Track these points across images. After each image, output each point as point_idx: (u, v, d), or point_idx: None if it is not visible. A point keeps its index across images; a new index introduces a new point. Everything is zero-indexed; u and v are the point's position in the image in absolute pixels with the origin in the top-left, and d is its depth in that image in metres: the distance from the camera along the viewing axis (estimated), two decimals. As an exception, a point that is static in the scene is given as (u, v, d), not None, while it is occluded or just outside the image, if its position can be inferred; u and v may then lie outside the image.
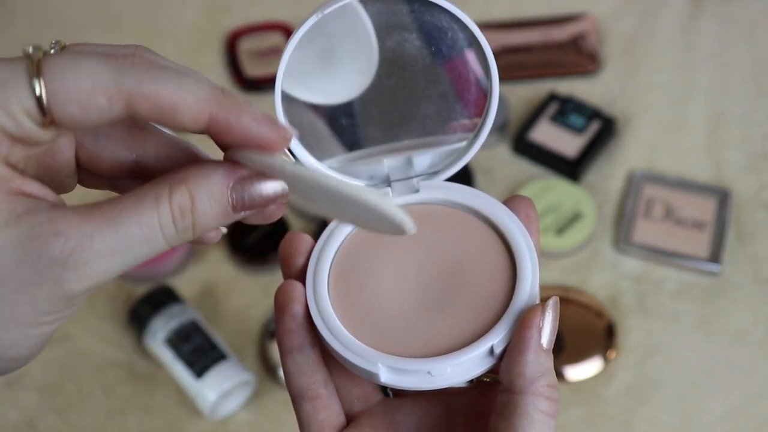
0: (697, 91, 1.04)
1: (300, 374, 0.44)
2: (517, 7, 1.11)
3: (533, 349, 0.40)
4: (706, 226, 0.94)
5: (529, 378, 0.40)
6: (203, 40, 1.10)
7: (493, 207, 0.47)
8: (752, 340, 0.88)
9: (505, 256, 0.46)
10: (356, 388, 0.46)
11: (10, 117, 0.35)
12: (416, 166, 0.49)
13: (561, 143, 0.98)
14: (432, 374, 0.42)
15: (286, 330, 0.44)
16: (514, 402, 0.40)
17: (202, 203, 0.37)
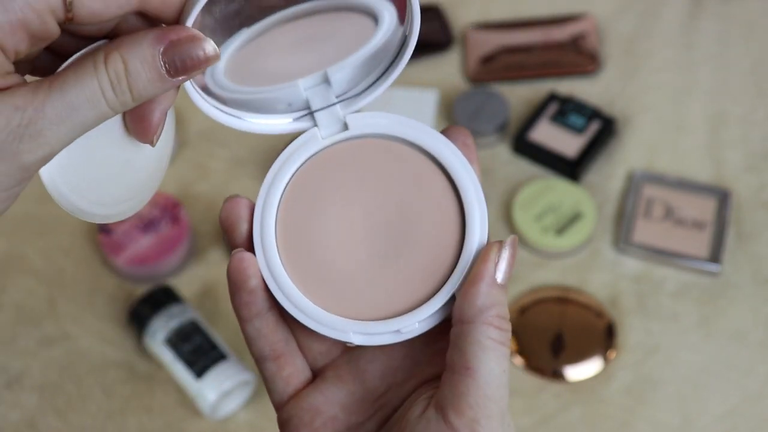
0: (697, 91, 1.04)
1: (260, 338, 0.44)
2: (517, 7, 1.11)
3: (486, 281, 0.42)
4: (706, 226, 0.94)
5: (479, 308, 0.41)
6: (203, 40, 1.10)
7: (430, 137, 0.45)
8: (752, 340, 0.88)
9: (450, 191, 0.45)
10: (317, 344, 0.46)
11: (38, 15, 0.36)
12: (334, 84, 0.46)
13: (561, 143, 0.98)
14: (401, 331, 0.43)
15: (243, 303, 0.44)
16: (465, 331, 0.41)
17: (134, 67, 0.38)
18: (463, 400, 0.41)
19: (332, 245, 0.44)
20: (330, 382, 0.46)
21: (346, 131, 0.45)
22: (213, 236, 0.95)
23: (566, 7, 1.10)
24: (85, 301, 0.91)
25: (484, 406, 0.41)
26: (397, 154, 0.45)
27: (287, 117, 0.46)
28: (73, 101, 0.37)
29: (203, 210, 0.97)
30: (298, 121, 0.46)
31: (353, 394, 0.45)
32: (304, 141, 0.45)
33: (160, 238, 0.92)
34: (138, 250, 0.91)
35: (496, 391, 0.41)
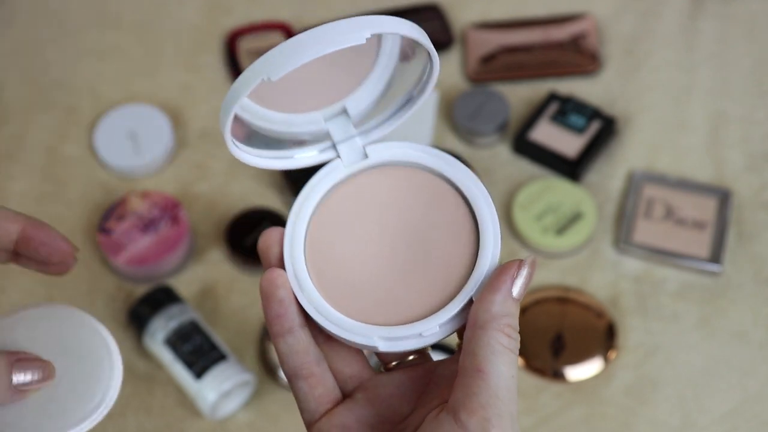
0: (697, 91, 1.04)
1: (292, 355, 0.47)
2: (517, 6, 1.11)
3: (503, 292, 0.44)
4: (706, 226, 0.93)
5: (493, 315, 0.44)
6: (203, 40, 1.10)
7: (445, 163, 0.49)
8: (753, 341, 0.88)
9: (465, 209, 0.49)
10: (348, 368, 0.48)
11: None
12: (353, 116, 0.49)
13: (561, 143, 0.98)
14: (423, 335, 0.46)
15: (275, 315, 0.46)
16: (477, 336, 0.44)
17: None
18: (474, 399, 0.42)
19: (356, 261, 0.47)
20: (359, 403, 0.48)
21: (367, 160, 0.49)
22: (213, 236, 0.95)
23: (566, 7, 1.10)
24: (84, 301, 0.91)
25: (495, 405, 0.42)
26: (414, 179, 0.49)
27: (314, 150, 0.50)
28: None
29: (203, 210, 0.97)
30: (323, 152, 0.50)
31: (380, 416, 0.47)
32: (328, 171, 0.49)
33: (160, 238, 0.92)
34: (137, 250, 0.91)
35: (506, 393, 0.43)
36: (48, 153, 1.02)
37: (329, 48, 0.42)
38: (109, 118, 1.02)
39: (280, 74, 0.42)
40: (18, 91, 1.07)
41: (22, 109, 1.05)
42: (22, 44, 1.11)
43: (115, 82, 1.07)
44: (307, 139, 0.50)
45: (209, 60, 1.08)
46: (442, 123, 1.03)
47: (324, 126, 0.49)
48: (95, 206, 0.97)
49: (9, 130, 1.04)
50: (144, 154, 0.99)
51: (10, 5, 1.13)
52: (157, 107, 1.03)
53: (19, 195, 0.99)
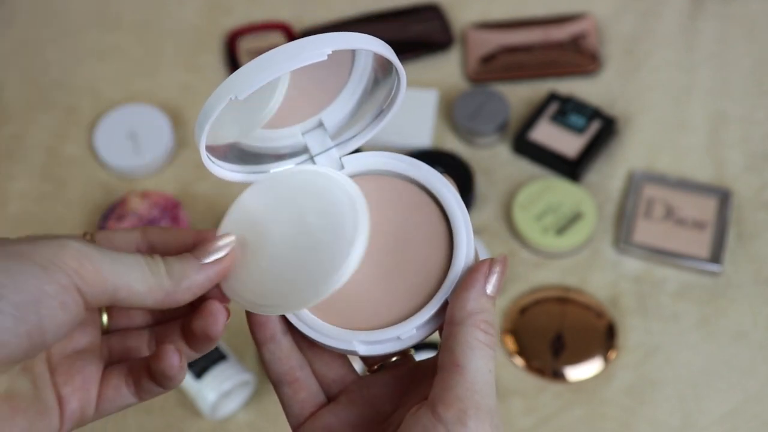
0: (697, 91, 1.04)
1: (276, 362, 0.48)
2: (517, 6, 1.11)
3: (477, 290, 0.45)
4: (706, 226, 0.93)
5: (469, 311, 0.45)
6: (203, 40, 1.10)
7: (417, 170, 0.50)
8: (753, 341, 0.88)
9: (438, 215, 0.49)
10: (331, 373, 0.49)
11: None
12: (329, 128, 0.51)
13: (561, 143, 0.98)
14: (401, 338, 0.47)
15: (257, 323, 0.48)
16: (454, 332, 0.45)
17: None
18: (451, 392, 0.43)
19: None
20: (342, 405, 0.49)
21: (343, 170, 0.50)
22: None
23: (566, 7, 1.10)
24: (84, 301, 0.91)
25: (472, 399, 0.43)
26: (389, 186, 0.51)
27: (290, 163, 0.51)
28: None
29: (203, 210, 0.97)
30: (301, 165, 0.51)
31: (363, 416, 0.48)
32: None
33: (160, 238, 0.92)
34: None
35: (484, 387, 0.44)
36: (48, 153, 1.02)
37: (292, 65, 0.43)
38: (109, 118, 1.02)
39: (246, 93, 0.44)
40: (18, 91, 1.07)
41: (23, 109, 1.05)
42: (22, 44, 1.11)
43: (115, 82, 1.07)
44: (285, 153, 0.51)
45: (209, 60, 1.08)
46: (442, 123, 1.02)
47: (302, 139, 0.51)
48: (95, 206, 0.97)
49: (9, 130, 1.04)
50: (144, 154, 0.99)
51: (10, 5, 1.13)
52: (157, 107, 1.03)
53: (19, 195, 0.99)
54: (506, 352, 0.88)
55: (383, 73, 0.50)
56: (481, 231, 0.95)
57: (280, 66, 0.43)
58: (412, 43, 1.08)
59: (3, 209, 0.98)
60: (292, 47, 0.44)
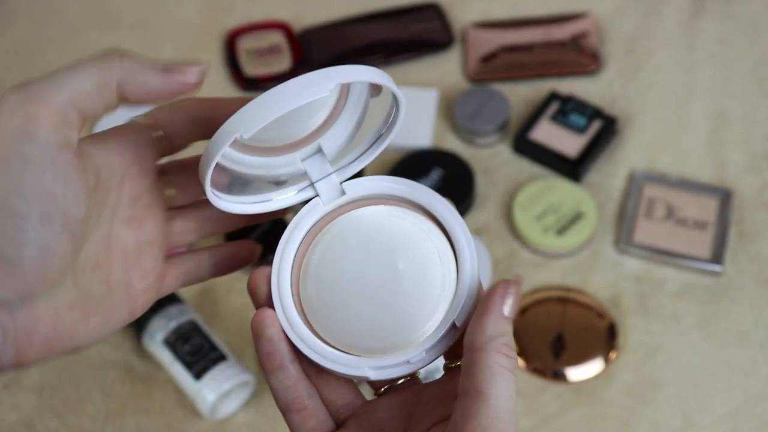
0: (698, 91, 1.03)
1: (284, 390, 0.48)
2: (518, 6, 1.11)
3: (495, 313, 0.45)
4: (707, 226, 0.93)
5: (489, 336, 0.44)
6: (203, 39, 1.10)
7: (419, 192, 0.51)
8: (754, 341, 0.88)
9: (441, 236, 0.50)
10: (339, 399, 0.49)
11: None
12: (329, 154, 0.52)
13: (562, 143, 0.98)
14: (411, 361, 0.48)
15: (265, 353, 0.48)
16: (475, 358, 0.44)
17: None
18: (474, 420, 0.43)
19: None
20: (351, 430, 0.49)
21: (344, 196, 0.51)
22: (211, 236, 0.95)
23: (567, 6, 1.10)
24: (83, 301, 0.91)
25: (496, 427, 0.43)
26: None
27: (292, 190, 0.51)
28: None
29: (202, 210, 0.97)
30: (301, 192, 0.51)
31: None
32: (308, 209, 0.51)
33: (159, 238, 0.92)
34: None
35: (506, 414, 0.43)
36: (47, 153, 1.02)
37: (297, 103, 0.44)
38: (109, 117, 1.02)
39: (251, 131, 0.45)
40: (17, 90, 1.07)
41: (22, 109, 1.05)
42: (22, 43, 1.10)
43: (114, 82, 1.07)
44: (285, 180, 0.52)
45: (208, 59, 1.08)
46: (443, 123, 1.02)
47: (301, 166, 0.51)
48: (94, 206, 0.97)
49: (8, 130, 1.03)
50: (143, 154, 0.99)
51: (10, 5, 1.13)
52: (157, 107, 1.03)
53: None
54: (506, 353, 0.88)
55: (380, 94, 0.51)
56: (481, 231, 0.95)
57: (285, 104, 0.44)
58: (412, 42, 1.08)
59: (2, 209, 0.98)
60: (296, 84, 0.45)
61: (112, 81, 0.46)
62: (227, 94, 1.06)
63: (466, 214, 0.96)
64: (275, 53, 1.07)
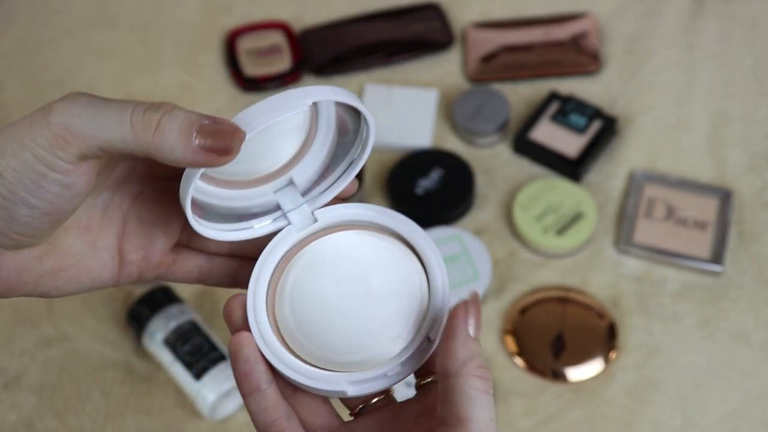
0: (698, 91, 1.03)
1: (262, 412, 0.48)
2: (518, 6, 1.11)
3: (462, 336, 0.45)
4: (707, 226, 0.93)
5: (460, 361, 0.45)
6: (203, 39, 1.10)
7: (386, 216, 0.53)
8: (754, 341, 0.88)
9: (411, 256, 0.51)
10: (318, 420, 0.50)
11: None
12: (298, 183, 0.53)
13: (562, 143, 0.98)
14: (387, 375, 0.48)
15: (242, 374, 0.48)
16: (451, 385, 0.44)
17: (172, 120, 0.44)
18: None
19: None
20: None
21: (316, 223, 0.52)
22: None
23: (567, 6, 1.10)
24: (83, 301, 0.91)
25: None
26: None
27: (268, 219, 0.53)
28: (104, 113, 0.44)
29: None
30: (276, 221, 0.53)
31: None
32: (281, 237, 0.52)
33: (159, 238, 0.91)
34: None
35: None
36: (47, 153, 1.02)
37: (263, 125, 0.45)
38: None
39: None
40: (17, 90, 1.07)
41: (22, 109, 1.05)
42: (21, 43, 1.10)
43: (114, 82, 1.07)
44: (258, 211, 0.52)
45: (209, 59, 1.08)
46: (442, 123, 1.02)
47: (273, 198, 0.52)
48: (94, 206, 0.97)
49: (8, 130, 1.03)
50: (143, 153, 0.99)
51: (10, 4, 1.13)
52: (157, 107, 1.03)
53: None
54: (507, 353, 0.88)
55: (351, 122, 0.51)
56: (481, 231, 0.95)
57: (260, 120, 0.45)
58: (412, 42, 1.08)
59: (2, 209, 0.98)
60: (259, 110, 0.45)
61: (143, 151, 0.45)
62: (227, 94, 1.06)
63: (466, 214, 0.96)
64: (275, 53, 1.07)
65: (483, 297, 0.90)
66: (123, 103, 0.45)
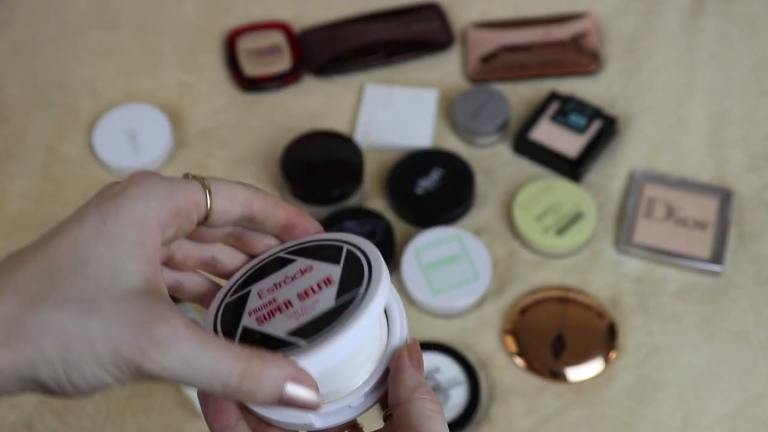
0: (698, 91, 1.03)
1: None
2: (518, 5, 1.11)
3: (409, 369, 0.49)
4: (707, 226, 0.93)
5: (411, 388, 0.48)
6: (203, 39, 1.10)
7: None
8: (754, 341, 0.88)
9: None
10: None
11: (189, 221, 0.48)
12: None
13: (562, 143, 0.98)
14: (351, 406, 0.49)
15: (212, 411, 0.48)
16: (405, 410, 0.47)
17: (267, 382, 0.45)
18: None
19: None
20: None
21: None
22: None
23: (567, 6, 1.10)
24: (83, 301, 0.91)
25: None
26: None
27: None
28: (202, 363, 0.43)
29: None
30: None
31: None
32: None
33: (159, 238, 0.92)
34: (137, 251, 0.91)
35: None
36: (47, 153, 1.02)
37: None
38: (108, 117, 1.02)
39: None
40: (17, 90, 1.07)
41: (21, 109, 1.05)
42: (21, 43, 1.10)
43: (114, 82, 1.07)
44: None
45: (209, 59, 1.08)
46: (442, 123, 1.02)
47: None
48: (94, 206, 0.97)
49: (8, 130, 1.03)
50: (143, 153, 0.99)
51: (9, 4, 1.13)
52: (157, 107, 1.03)
53: (18, 195, 0.99)
54: (507, 353, 0.88)
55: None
56: (481, 231, 0.95)
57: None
58: (412, 42, 1.07)
59: (2, 209, 0.98)
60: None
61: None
62: (227, 94, 1.06)
63: (466, 214, 0.96)
64: (275, 53, 1.07)
65: (483, 297, 0.90)
66: (224, 353, 0.44)
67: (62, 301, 0.42)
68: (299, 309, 0.49)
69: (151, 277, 0.45)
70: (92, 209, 0.45)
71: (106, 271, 0.43)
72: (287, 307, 0.50)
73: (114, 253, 0.44)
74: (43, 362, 0.42)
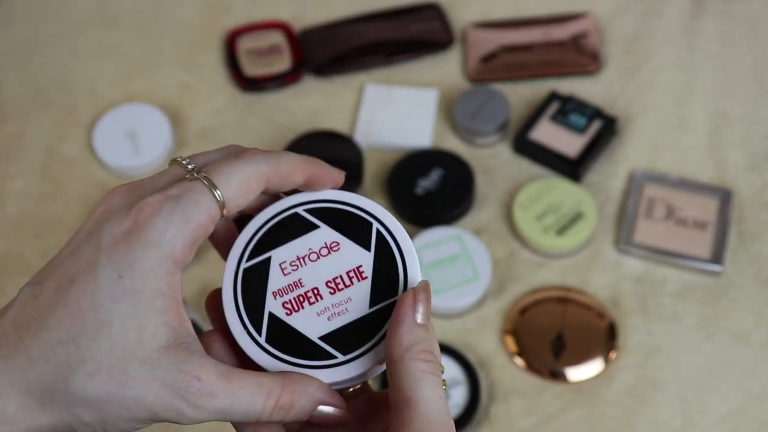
0: (698, 91, 1.03)
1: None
2: (518, 5, 1.11)
3: (407, 323, 0.45)
4: (707, 226, 0.93)
5: (405, 347, 0.45)
6: (202, 39, 1.10)
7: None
8: (754, 341, 0.88)
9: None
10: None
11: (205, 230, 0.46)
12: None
13: (562, 143, 0.98)
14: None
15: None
16: (396, 370, 0.45)
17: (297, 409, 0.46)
18: (408, 427, 0.44)
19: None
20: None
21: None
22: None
23: (567, 6, 1.10)
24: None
25: (430, 429, 0.44)
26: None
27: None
28: (235, 407, 0.44)
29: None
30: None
31: None
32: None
33: (159, 238, 0.91)
34: (137, 250, 0.91)
35: (438, 416, 0.44)
36: (47, 152, 1.02)
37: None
38: (108, 117, 1.02)
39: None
40: (17, 90, 1.07)
41: (21, 109, 1.05)
42: (21, 43, 1.10)
43: (114, 82, 1.07)
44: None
45: (209, 59, 1.08)
46: (442, 123, 1.02)
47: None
48: (94, 206, 0.97)
49: (7, 130, 1.03)
50: (143, 153, 0.99)
51: (9, 4, 1.13)
52: (156, 107, 1.03)
53: (17, 194, 0.99)
54: (507, 353, 0.88)
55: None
56: (481, 231, 0.95)
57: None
58: (412, 42, 1.07)
59: (2, 209, 0.98)
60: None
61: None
62: (227, 94, 1.06)
63: (466, 214, 0.96)
64: (275, 53, 1.07)
65: (483, 297, 0.90)
66: (257, 394, 0.45)
67: (93, 372, 0.42)
68: (330, 305, 0.48)
69: (176, 324, 0.44)
70: (104, 259, 0.43)
71: (131, 331, 0.43)
72: (317, 299, 0.48)
73: (136, 311, 0.43)
74: (81, 425, 0.43)
